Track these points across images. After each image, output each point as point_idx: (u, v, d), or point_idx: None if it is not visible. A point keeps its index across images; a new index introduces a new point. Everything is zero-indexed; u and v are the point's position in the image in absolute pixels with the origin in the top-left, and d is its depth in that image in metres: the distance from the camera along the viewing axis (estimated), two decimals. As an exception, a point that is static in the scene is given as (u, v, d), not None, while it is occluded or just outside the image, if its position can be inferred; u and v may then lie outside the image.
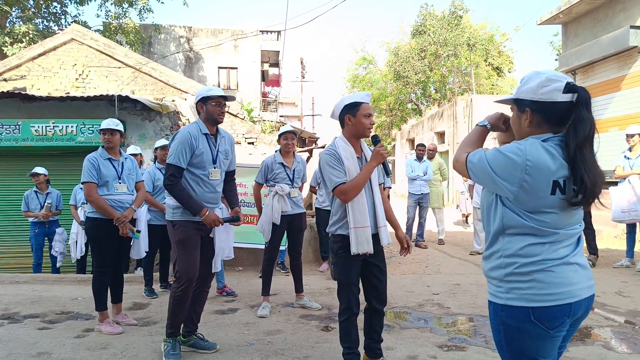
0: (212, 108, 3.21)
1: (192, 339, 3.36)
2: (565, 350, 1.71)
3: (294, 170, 4.55)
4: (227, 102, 3.33)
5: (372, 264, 2.85)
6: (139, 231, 4.11)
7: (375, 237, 2.81)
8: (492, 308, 1.63)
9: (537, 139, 1.55)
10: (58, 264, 6.48)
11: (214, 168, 3.26)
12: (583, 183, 1.48)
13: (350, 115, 2.79)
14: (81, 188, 6.11)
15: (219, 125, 3.33)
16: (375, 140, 2.85)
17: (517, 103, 1.64)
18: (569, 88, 1.53)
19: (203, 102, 3.23)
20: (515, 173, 1.50)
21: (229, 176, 3.49)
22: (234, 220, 3.35)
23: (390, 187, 3.11)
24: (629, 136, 5.96)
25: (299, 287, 4.56)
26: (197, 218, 3.14)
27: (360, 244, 2.72)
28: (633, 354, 3.27)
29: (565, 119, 1.56)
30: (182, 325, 3.29)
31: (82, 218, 6.04)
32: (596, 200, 1.55)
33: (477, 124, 1.83)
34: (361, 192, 2.76)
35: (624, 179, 5.91)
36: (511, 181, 1.51)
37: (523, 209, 1.54)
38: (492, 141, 12.54)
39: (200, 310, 3.43)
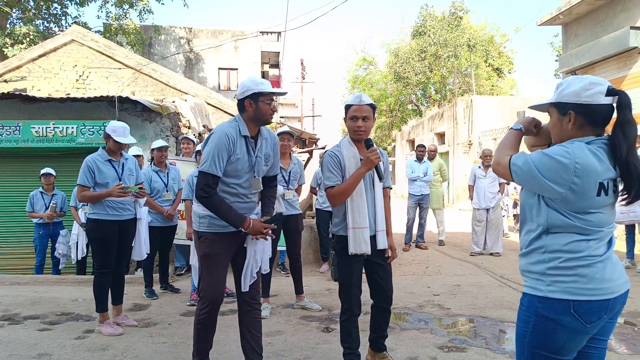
0: (264, 106, 2.66)
1: None
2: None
3: (289, 172, 4.50)
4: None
5: (375, 263, 2.88)
6: (140, 188, 3.96)
7: (374, 239, 2.83)
8: (526, 300, 1.66)
9: (581, 141, 1.59)
10: (61, 266, 6.49)
11: (255, 177, 2.76)
12: (637, 182, 1.55)
13: (346, 118, 2.86)
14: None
15: None
16: (368, 144, 2.81)
17: (559, 107, 1.68)
18: (610, 91, 1.59)
19: (253, 99, 2.64)
20: (564, 175, 1.54)
21: (269, 181, 2.93)
22: (278, 218, 2.79)
23: (390, 187, 3.04)
24: (630, 137, 5.97)
25: (299, 289, 4.55)
26: (229, 228, 2.66)
27: (358, 245, 2.74)
28: (633, 354, 3.27)
29: (606, 121, 1.61)
30: (209, 351, 2.86)
31: (82, 219, 6.05)
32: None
33: (510, 128, 1.88)
34: (361, 194, 2.77)
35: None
36: (560, 183, 1.55)
37: (569, 209, 1.58)
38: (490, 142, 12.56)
39: (257, 335, 2.84)
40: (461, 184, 16.44)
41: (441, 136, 19.16)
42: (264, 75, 23.76)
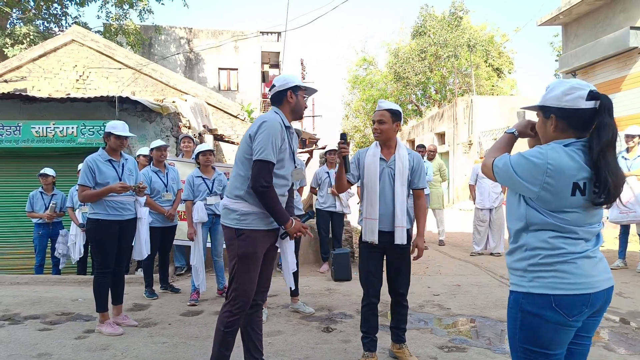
0: (302, 100, 2.78)
1: None
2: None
3: None
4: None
5: (392, 258, 3.15)
6: (140, 188, 3.98)
7: (392, 235, 3.07)
8: (512, 297, 1.72)
9: (560, 143, 1.65)
10: (61, 266, 6.48)
11: (296, 167, 2.83)
12: (607, 184, 1.58)
13: None
14: (77, 190, 6.16)
15: None
16: (341, 137, 3.02)
17: (543, 110, 1.74)
18: (592, 95, 1.62)
19: (294, 91, 2.72)
20: (537, 175, 1.61)
21: None
22: (310, 217, 2.98)
23: (423, 188, 3.13)
24: (629, 137, 5.96)
25: (294, 291, 4.46)
26: (267, 226, 2.65)
27: (366, 233, 3.06)
28: (633, 354, 3.27)
29: (588, 125, 1.65)
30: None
31: (80, 220, 6.05)
32: (617, 200, 1.65)
33: (505, 132, 1.95)
34: (374, 188, 3.06)
35: (623, 179, 5.90)
36: (534, 182, 1.62)
37: (546, 208, 1.64)
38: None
39: (260, 334, 2.86)
40: (461, 184, 16.43)
41: (441, 136, 19.16)
42: (264, 75, 23.75)
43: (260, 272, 2.73)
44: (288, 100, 2.73)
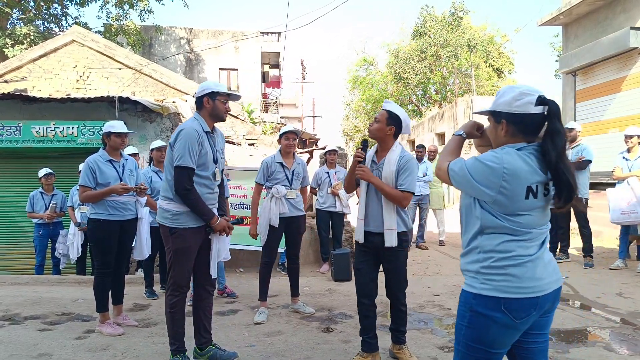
0: (220, 105, 3.04)
1: (210, 350, 3.18)
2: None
3: (293, 171, 4.39)
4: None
5: (384, 260, 3.15)
6: (141, 189, 4.01)
7: (382, 236, 3.06)
8: (463, 296, 1.76)
9: (512, 147, 1.69)
10: (61, 266, 6.49)
11: (217, 168, 3.10)
12: (568, 187, 1.63)
13: None
14: (77, 189, 6.16)
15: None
16: (363, 143, 3.12)
17: (494, 115, 1.77)
18: (541, 101, 1.67)
19: (211, 97, 3.01)
20: (494, 179, 1.64)
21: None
22: (239, 222, 3.29)
23: (409, 192, 3.10)
24: (628, 137, 5.96)
25: (294, 291, 4.47)
26: (198, 223, 2.98)
27: (356, 232, 3.19)
28: (634, 355, 3.27)
29: (538, 130, 1.70)
30: (183, 337, 3.11)
31: (79, 219, 6.06)
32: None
33: (453, 134, 1.98)
34: (363, 189, 3.12)
35: (623, 180, 5.90)
36: (490, 187, 1.65)
37: (500, 211, 1.67)
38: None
39: (210, 317, 3.26)
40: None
41: (441, 136, 19.15)
42: (264, 75, 23.76)
43: (200, 261, 3.11)
44: (205, 105, 3.03)
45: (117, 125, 3.93)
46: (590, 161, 6.17)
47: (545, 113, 1.67)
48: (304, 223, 4.51)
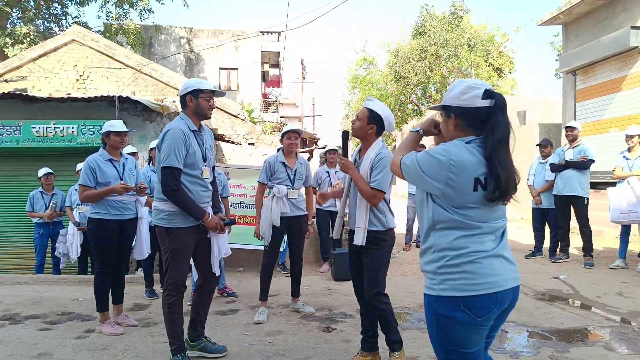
0: (203, 102, 3.05)
1: (201, 342, 3.28)
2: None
3: (295, 171, 4.34)
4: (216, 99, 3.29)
5: (359, 258, 3.11)
6: (142, 188, 4.01)
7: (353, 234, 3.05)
8: (426, 300, 1.75)
9: (462, 140, 1.71)
10: (61, 266, 6.49)
11: (205, 166, 3.11)
12: (499, 180, 1.63)
13: None
14: (76, 189, 6.17)
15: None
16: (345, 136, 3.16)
17: (445, 109, 1.80)
18: (488, 94, 1.69)
19: (194, 95, 3.03)
20: (441, 172, 1.65)
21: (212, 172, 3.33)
22: (231, 223, 3.32)
23: (377, 190, 3.00)
24: (629, 137, 5.95)
25: (295, 292, 4.45)
26: (193, 222, 3.01)
27: (334, 230, 3.29)
28: (634, 354, 3.27)
29: (485, 122, 1.71)
30: (184, 335, 3.18)
31: (77, 219, 6.06)
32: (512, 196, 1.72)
33: (410, 130, 2.02)
34: (345, 190, 3.15)
35: (623, 179, 5.90)
36: (438, 179, 1.67)
37: (450, 204, 1.69)
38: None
39: (206, 313, 3.34)
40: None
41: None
42: (264, 74, 23.75)
43: (199, 259, 3.18)
44: (188, 104, 3.06)
45: (116, 124, 3.93)
46: (593, 161, 6.18)
47: (492, 106, 1.68)
48: (306, 223, 4.45)
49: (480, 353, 1.73)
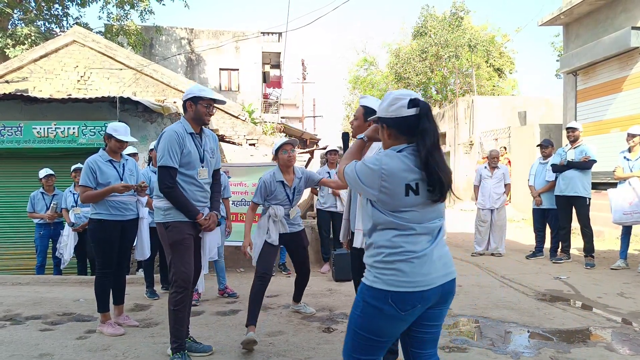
0: (202, 109, 3.16)
1: (186, 342, 3.30)
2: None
3: (294, 189, 3.94)
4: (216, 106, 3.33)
5: (360, 260, 3.00)
6: (142, 187, 4.00)
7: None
8: (360, 287, 1.90)
9: (395, 149, 1.84)
10: (62, 266, 6.49)
11: (202, 167, 3.20)
12: (440, 182, 1.75)
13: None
14: (70, 191, 6.18)
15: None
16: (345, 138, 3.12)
17: (379, 121, 1.94)
18: (413, 103, 1.80)
19: (193, 102, 3.16)
20: (375, 180, 1.79)
21: (214, 177, 3.40)
22: (218, 224, 3.37)
23: None
24: (631, 136, 5.94)
25: (298, 297, 4.32)
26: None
27: (341, 233, 3.12)
28: (635, 355, 3.27)
29: (414, 130, 1.82)
30: (185, 336, 3.20)
31: (72, 220, 6.07)
32: (451, 194, 1.85)
33: (356, 137, 2.15)
34: (347, 191, 3.15)
35: (624, 180, 5.89)
36: (373, 187, 1.80)
37: (386, 209, 1.81)
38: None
39: (189, 313, 3.37)
40: (462, 184, 16.42)
41: (442, 136, 19.14)
42: (265, 75, 23.76)
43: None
44: (188, 109, 3.18)
45: (120, 130, 3.88)
46: (595, 161, 6.18)
47: (417, 114, 1.79)
48: (305, 237, 4.14)
49: (388, 343, 1.87)
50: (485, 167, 7.33)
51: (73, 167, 6.08)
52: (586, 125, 9.46)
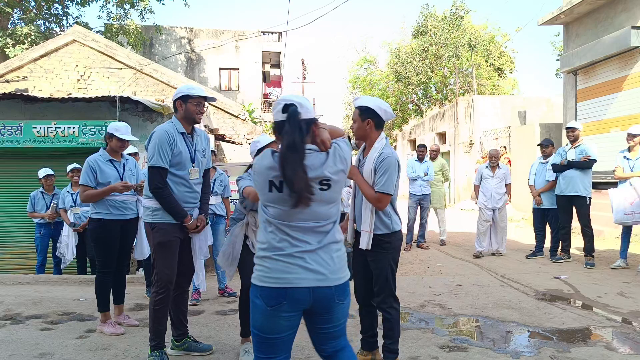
0: (192, 107, 3.14)
1: (186, 342, 3.32)
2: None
3: None
4: (207, 103, 3.32)
5: (365, 260, 3.07)
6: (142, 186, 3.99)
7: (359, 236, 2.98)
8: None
9: (271, 150, 1.98)
10: (62, 266, 6.49)
11: (193, 167, 3.18)
12: (289, 182, 1.84)
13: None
14: (68, 191, 6.18)
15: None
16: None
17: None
18: (284, 109, 1.92)
19: (183, 101, 3.14)
20: (253, 176, 2.00)
21: (204, 177, 3.36)
22: (205, 225, 3.36)
23: (383, 193, 2.81)
24: (631, 135, 5.93)
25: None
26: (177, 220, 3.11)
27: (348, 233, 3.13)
28: (635, 354, 3.27)
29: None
30: (164, 334, 3.17)
31: (72, 220, 6.07)
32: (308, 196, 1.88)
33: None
34: (352, 193, 3.10)
35: (624, 180, 5.88)
36: (252, 179, 2.10)
37: (261, 202, 1.96)
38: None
39: (186, 311, 3.39)
40: (462, 183, 16.42)
41: (442, 136, 19.14)
42: (265, 74, 23.76)
43: (181, 260, 3.20)
44: (178, 109, 3.17)
45: (121, 130, 3.90)
46: (595, 160, 6.17)
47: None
48: None
49: (281, 343, 1.91)
50: (487, 167, 7.29)
51: (69, 167, 6.08)
52: (586, 125, 9.45)
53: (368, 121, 2.87)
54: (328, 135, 1.97)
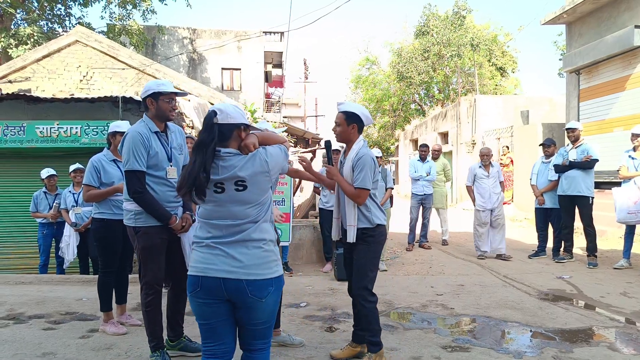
0: (163, 104, 3.04)
1: (181, 342, 3.30)
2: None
3: None
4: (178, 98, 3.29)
5: (351, 255, 3.18)
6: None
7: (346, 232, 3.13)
8: None
9: None
10: (65, 265, 6.50)
11: (171, 166, 3.09)
12: (183, 178, 1.96)
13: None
14: (70, 191, 6.19)
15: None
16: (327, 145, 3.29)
17: None
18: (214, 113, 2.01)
19: (154, 98, 3.02)
20: None
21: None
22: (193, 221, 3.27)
23: (361, 188, 3.02)
24: (635, 136, 5.92)
25: (276, 323, 4.16)
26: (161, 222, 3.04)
27: (332, 231, 3.30)
28: (639, 355, 3.26)
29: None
30: (163, 334, 3.18)
31: (73, 220, 6.09)
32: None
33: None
34: (336, 192, 3.23)
35: (628, 179, 5.87)
36: None
37: None
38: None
39: (183, 312, 3.34)
40: (464, 183, 16.39)
41: (444, 136, 19.11)
42: (267, 74, 23.77)
43: (172, 260, 3.16)
44: (149, 106, 3.06)
45: (123, 126, 3.94)
46: (597, 160, 6.16)
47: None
48: None
49: (214, 329, 2.02)
50: (480, 167, 7.07)
51: (72, 167, 6.10)
52: (589, 125, 9.43)
53: (353, 125, 3.10)
54: (254, 140, 2.03)
